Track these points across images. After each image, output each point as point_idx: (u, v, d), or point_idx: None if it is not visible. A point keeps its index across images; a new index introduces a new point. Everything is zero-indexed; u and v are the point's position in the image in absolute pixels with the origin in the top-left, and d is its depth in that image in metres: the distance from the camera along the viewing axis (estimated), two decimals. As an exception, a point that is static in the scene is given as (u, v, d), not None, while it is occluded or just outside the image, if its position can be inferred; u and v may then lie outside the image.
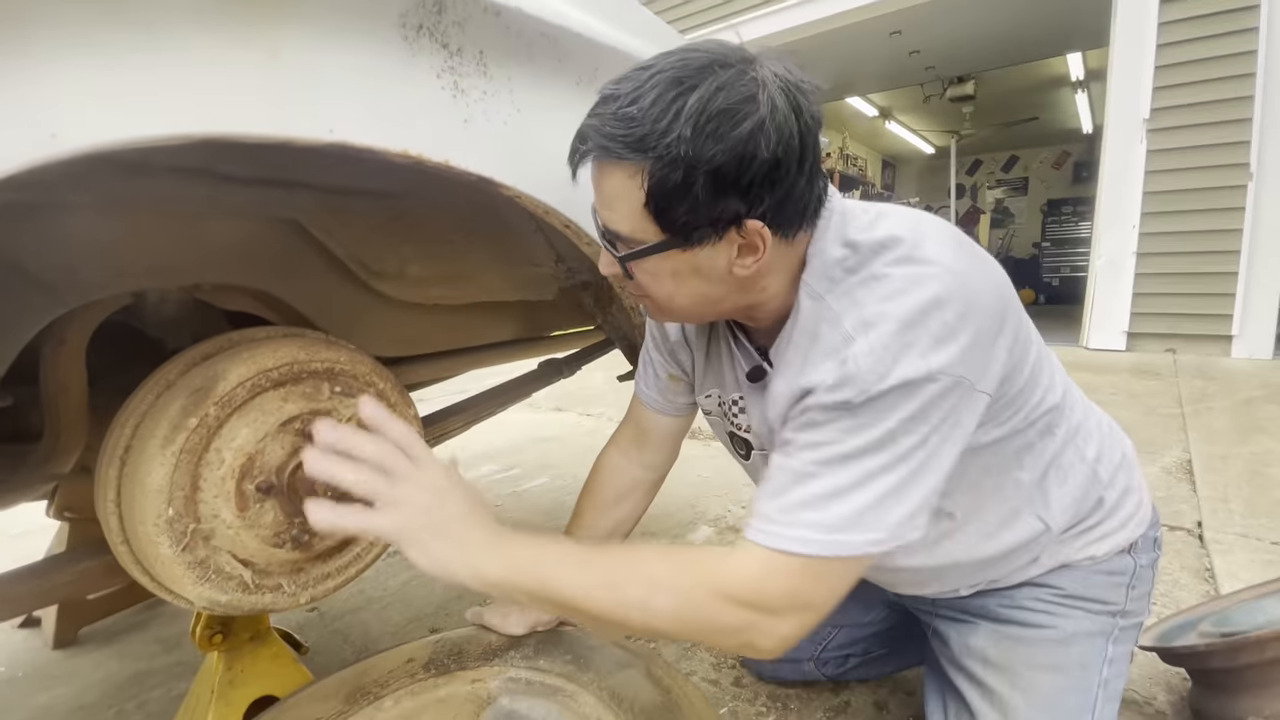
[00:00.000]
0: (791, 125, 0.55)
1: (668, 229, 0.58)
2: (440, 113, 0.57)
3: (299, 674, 0.93)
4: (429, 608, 1.52)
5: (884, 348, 0.57)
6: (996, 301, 0.61)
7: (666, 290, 0.65)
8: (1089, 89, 7.71)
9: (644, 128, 0.54)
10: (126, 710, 1.19)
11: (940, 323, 0.57)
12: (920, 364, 0.57)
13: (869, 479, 0.58)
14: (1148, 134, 3.71)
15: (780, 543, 0.59)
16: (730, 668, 1.22)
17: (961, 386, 0.59)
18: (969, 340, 0.58)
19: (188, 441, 0.62)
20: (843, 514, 0.58)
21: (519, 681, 0.85)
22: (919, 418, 0.58)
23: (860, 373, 0.58)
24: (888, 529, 0.59)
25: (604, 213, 0.62)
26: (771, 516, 0.61)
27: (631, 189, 0.57)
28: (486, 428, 3.34)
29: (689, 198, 0.55)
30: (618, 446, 0.97)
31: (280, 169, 0.74)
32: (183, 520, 0.62)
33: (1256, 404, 2.68)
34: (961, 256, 0.61)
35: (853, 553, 0.58)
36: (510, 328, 1.21)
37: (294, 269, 0.87)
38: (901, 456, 0.58)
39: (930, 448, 0.59)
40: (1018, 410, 0.70)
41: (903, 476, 0.59)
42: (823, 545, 0.58)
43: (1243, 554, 1.57)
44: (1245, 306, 3.53)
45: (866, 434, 0.58)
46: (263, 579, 0.69)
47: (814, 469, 0.60)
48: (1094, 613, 0.80)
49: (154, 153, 0.65)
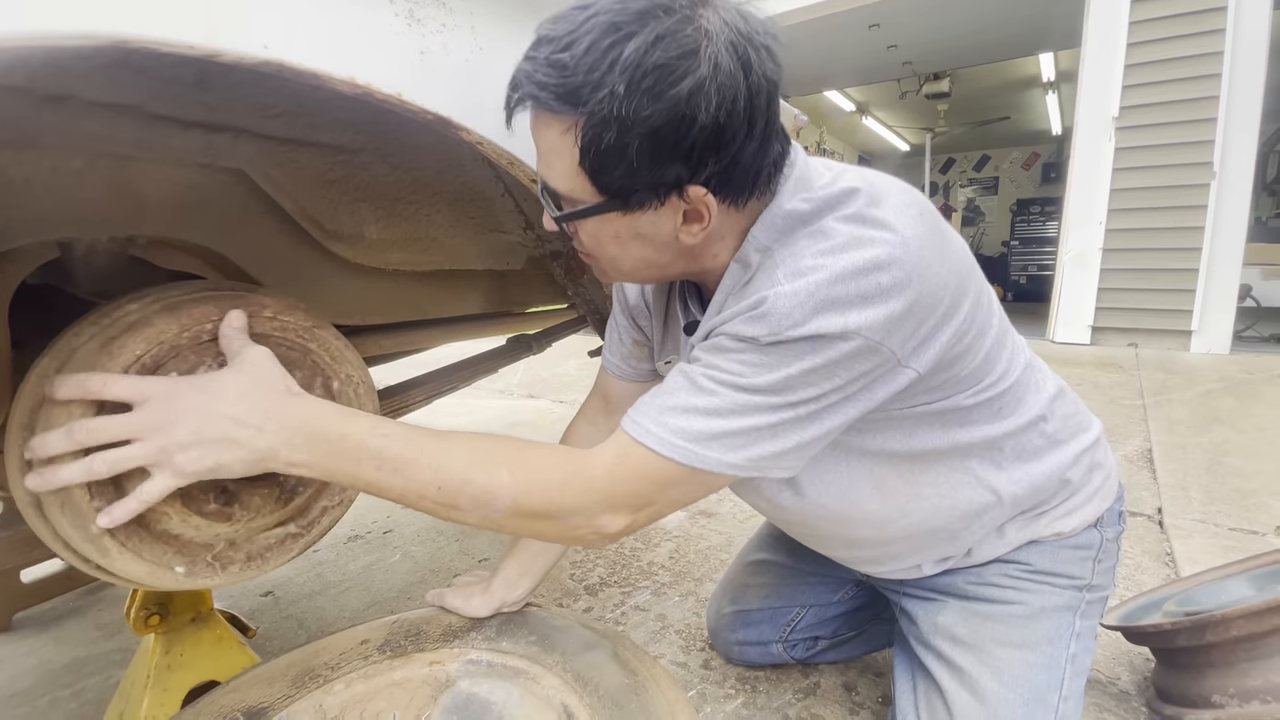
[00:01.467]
0: (738, 86, 0.51)
1: (604, 190, 0.55)
2: (393, 41, 0.52)
3: (244, 658, 0.88)
4: (390, 592, 1.47)
5: (808, 295, 0.54)
6: (948, 278, 0.58)
7: (610, 253, 0.62)
8: (1059, 90, 7.86)
9: (576, 78, 0.49)
10: (61, 698, 1.12)
11: (874, 284, 0.54)
12: (838, 320, 0.54)
13: (751, 412, 0.57)
14: (1116, 132, 3.77)
15: (644, 437, 0.58)
16: (699, 651, 1.20)
17: (879, 354, 0.56)
18: (901, 309, 0.55)
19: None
20: (711, 430, 0.57)
21: (479, 664, 0.82)
22: (822, 373, 0.56)
23: (775, 313, 0.55)
24: (749, 458, 0.58)
25: (541, 167, 0.58)
26: (646, 412, 0.60)
27: (566, 145, 0.53)
28: (456, 412, 3.28)
29: (624, 160, 0.51)
30: (585, 416, 0.95)
31: (221, 112, 0.68)
32: None
33: (1215, 396, 2.76)
34: (919, 226, 0.58)
35: (707, 468, 0.57)
36: (478, 300, 1.16)
37: (241, 226, 0.81)
38: (792, 404, 0.57)
39: (825, 403, 0.58)
40: (965, 389, 0.68)
41: (784, 419, 0.57)
42: (682, 453, 0.57)
43: (1202, 539, 1.60)
44: (1205, 302, 3.63)
45: (766, 374, 0.56)
46: (190, 551, 0.63)
47: (704, 384, 0.58)
48: (1061, 587, 0.80)
49: (77, 83, 0.60)
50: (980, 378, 0.68)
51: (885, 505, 0.76)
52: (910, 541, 0.80)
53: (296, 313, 0.68)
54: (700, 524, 1.80)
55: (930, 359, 0.60)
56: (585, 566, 1.56)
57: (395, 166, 0.85)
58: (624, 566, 1.55)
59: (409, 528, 1.85)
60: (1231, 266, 3.59)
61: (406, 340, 1.10)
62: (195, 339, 0.61)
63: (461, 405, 3.46)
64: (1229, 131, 3.48)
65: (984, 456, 0.74)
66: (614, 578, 1.50)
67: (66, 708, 1.10)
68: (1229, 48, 3.44)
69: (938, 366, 0.62)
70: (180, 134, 0.67)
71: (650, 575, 1.51)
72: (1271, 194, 6.88)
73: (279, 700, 0.73)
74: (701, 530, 1.76)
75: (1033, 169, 10.81)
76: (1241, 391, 2.78)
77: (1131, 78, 3.71)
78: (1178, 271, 3.67)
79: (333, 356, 0.71)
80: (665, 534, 1.74)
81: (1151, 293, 3.77)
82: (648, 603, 1.38)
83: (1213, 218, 3.56)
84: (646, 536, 1.72)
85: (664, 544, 1.67)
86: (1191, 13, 3.52)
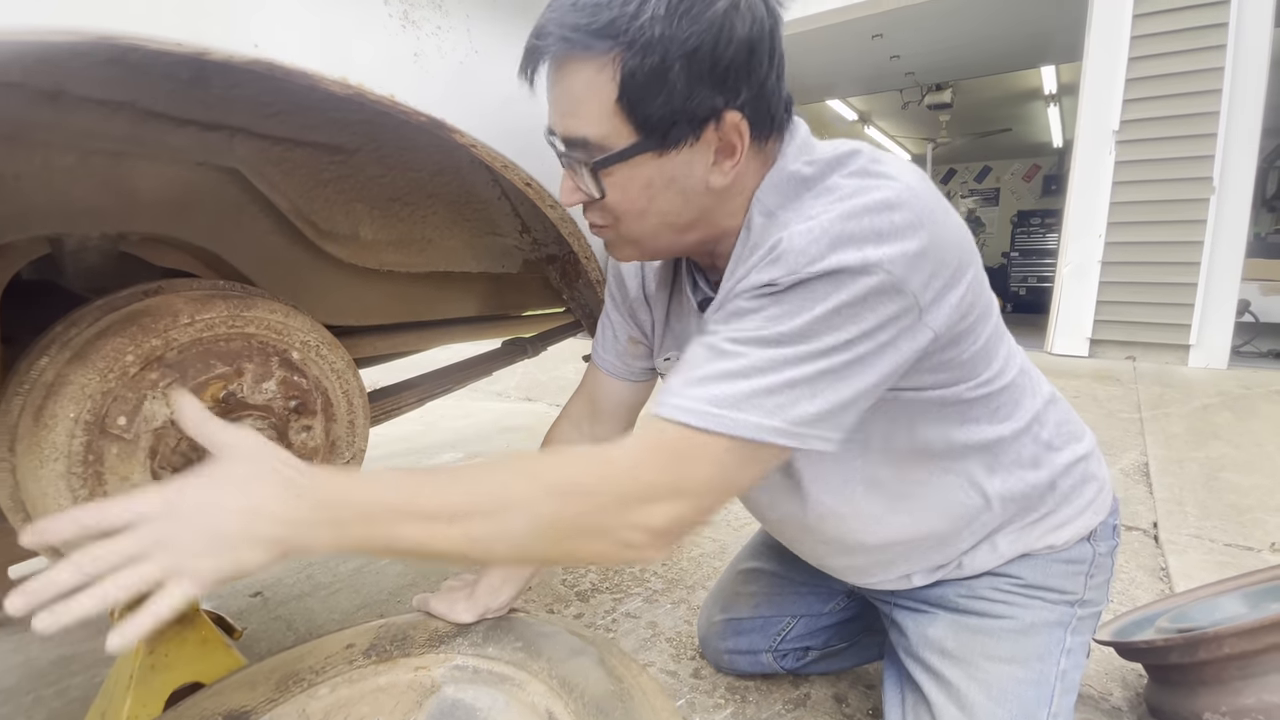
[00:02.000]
0: (761, 9, 0.53)
1: (643, 128, 0.54)
2: (387, 42, 0.52)
3: (230, 660, 0.87)
4: (380, 594, 1.46)
5: (822, 231, 0.53)
6: (956, 233, 0.58)
7: (637, 207, 0.59)
8: (1060, 103, 7.89)
9: (611, 11, 0.50)
10: (45, 696, 1.11)
11: (888, 221, 0.53)
12: (856, 254, 0.52)
13: (781, 365, 0.53)
14: (1117, 145, 3.78)
15: (674, 413, 0.53)
16: (690, 659, 1.19)
17: (903, 296, 0.53)
18: (916, 248, 0.53)
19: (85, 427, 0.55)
20: (743, 392, 0.53)
21: (465, 669, 0.81)
22: (848, 314, 0.53)
23: (791, 250, 0.53)
24: (789, 420, 0.53)
25: (567, 121, 0.56)
26: (672, 390, 0.56)
27: (601, 84, 0.52)
28: (453, 415, 3.28)
29: (665, 86, 0.52)
30: (569, 418, 0.93)
31: (217, 110, 0.68)
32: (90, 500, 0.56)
33: (1212, 411, 2.75)
34: (924, 182, 0.58)
35: (745, 434, 0.52)
36: (473, 303, 1.16)
37: (235, 224, 0.81)
38: (822, 352, 0.53)
39: (856, 353, 0.54)
40: (966, 379, 0.67)
41: (819, 370, 0.53)
42: (716, 420, 0.52)
43: (1197, 554, 1.59)
44: (1203, 317, 3.63)
45: (789, 322, 0.53)
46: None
47: (728, 348, 0.55)
48: (1052, 602, 0.79)
49: (70, 79, 0.60)
50: (979, 369, 0.68)
51: (881, 506, 0.75)
52: (901, 548, 0.79)
53: (214, 305, 0.64)
54: (694, 531, 1.79)
55: (945, 317, 0.58)
56: (577, 573, 1.55)
57: (391, 167, 0.85)
58: (616, 573, 1.54)
59: (401, 530, 1.84)
60: (1230, 281, 3.59)
61: (401, 342, 1.09)
62: (123, 376, 0.58)
63: (457, 408, 3.46)
64: (1229, 147, 3.49)
65: (979, 460, 0.74)
66: (606, 584, 1.49)
67: (50, 705, 1.09)
68: (1230, 64, 3.45)
69: (949, 334, 0.60)
70: (175, 131, 0.67)
71: (642, 582, 1.50)
72: (1271, 210, 6.90)
73: (262, 704, 0.73)
74: (695, 537, 1.75)
75: (1034, 181, 10.84)
76: (1239, 407, 2.78)
77: (1132, 92, 3.72)
78: (1176, 285, 3.67)
79: (276, 330, 0.68)
80: (659, 540, 1.73)
81: (1150, 306, 3.77)
82: (639, 609, 1.38)
83: (1212, 232, 3.56)
84: (640, 542, 1.71)
85: (657, 550, 1.66)
86: (1193, 29, 3.53)
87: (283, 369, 0.67)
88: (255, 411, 0.64)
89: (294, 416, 0.68)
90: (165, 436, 0.59)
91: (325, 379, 0.72)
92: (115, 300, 0.63)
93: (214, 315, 0.62)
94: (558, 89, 0.55)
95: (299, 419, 0.68)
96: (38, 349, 0.59)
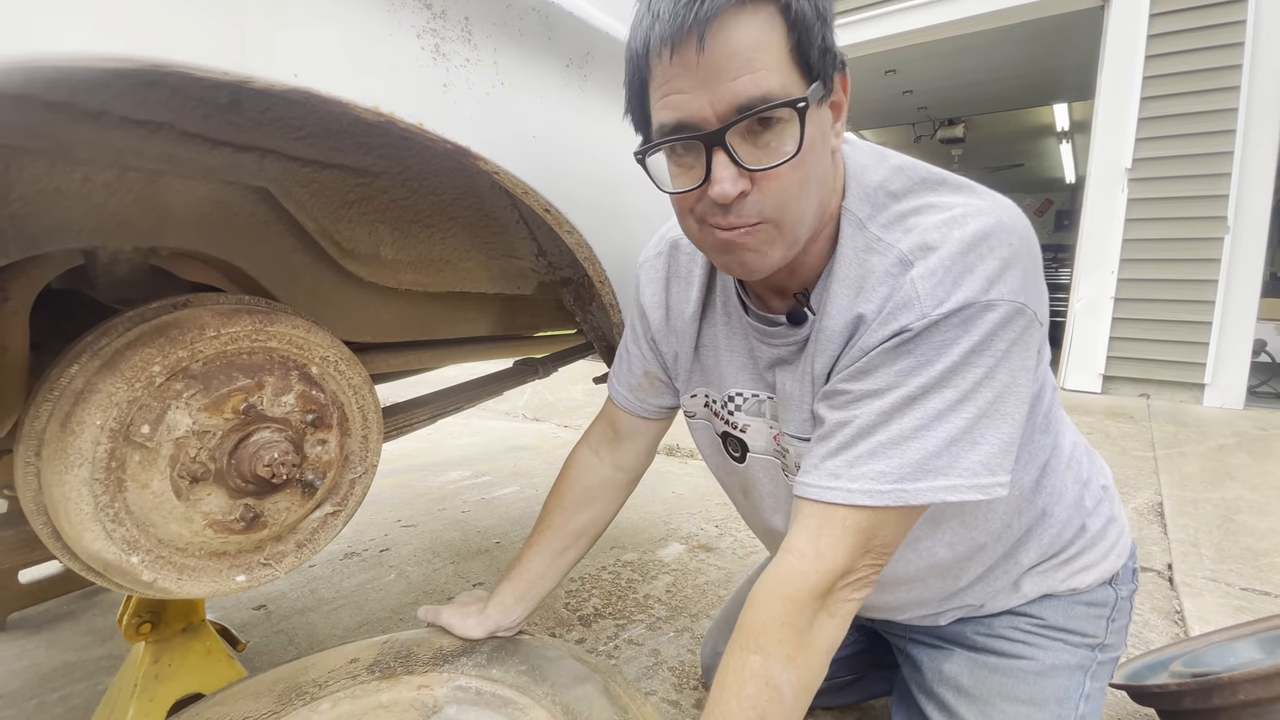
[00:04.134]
0: None
1: (810, 73, 0.52)
2: (418, 73, 0.55)
3: (232, 671, 0.88)
4: (383, 612, 1.46)
5: (945, 270, 0.54)
6: (1032, 234, 0.60)
7: (805, 173, 0.54)
8: (1073, 140, 7.94)
9: None
10: (48, 702, 1.11)
11: (1000, 255, 0.55)
12: (982, 288, 0.54)
13: (935, 420, 0.54)
14: (1129, 183, 3.79)
15: (848, 498, 0.56)
16: (692, 689, 1.18)
17: (1024, 316, 0.56)
18: (1024, 271, 0.56)
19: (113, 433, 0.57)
20: (911, 460, 0.54)
21: (468, 690, 0.81)
22: (981, 350, 0.54)
23: (919, 296, 0.54)
24: (963, 474, 0.55)
25: (741, 81, 0.49)
26: (831, 471, 0.57)
27: (773, 30, 0.49)
28: (461, 433, 3.29)
29: (822, 27, 0.51)
30: (589, 444, 0.93)
31: (250, 132, 0.71)
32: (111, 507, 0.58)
33: (1227, 451, 2.71)
34: (996, 194, 0.61)
35: (922, 501, 0.55)
36: (487, 323, 1.18)
37: (262, 242, 0.83)
38: (967, 394, 0.54)
39: (998, 385, 0.55)
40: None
41: (972, 416, 0.55)
42: (894, 496, 0.54)
43: (1212, 598, 1.56)
44: (1218, 356, 3.60)
45: (927, 371, 0.54)
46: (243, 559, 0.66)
47: (875, 419, 0.56)
48: (1074, 645, 0.78)
49: (115, 100, 0.62)
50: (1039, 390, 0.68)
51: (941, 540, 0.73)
52: (935, 586, 0.78)
53: (239, 319, 0.65)
54: (699, 558, 1.78)
55: (1045, 308, 0.60)
56: (580, 596, 1.54)
57: (414, 190, 0.87)
58: (619, 598, 1.53)
59: (405, 547, 1.84)
60: (1245, 321, 3.56)
61: (415, 359, 1.11)
62: (149, 386, 0.59)
63: (464, 426, 3.47)
64: (1243, 186, 3.49)
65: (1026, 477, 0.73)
66: (609, 609, 1.48)
67: (53, 712, 1.09)
68: (1243, 104, 3.47)
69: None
70: (209, 151, 0.70)
71: (646, 609, 1.49)
72: (1287, 250, 6.85)
73: (264, 716, 0.73)
74: (700, 565, 1.74)
75: (1046, 215, 10.86)
76: (1255, 448, 2.74)
77: (1145, 130, 3.74)
78: (1191, 324, 3.65)
79: (298, 346, 0.69)
80: (663, 566, 1.72)
81: (1164, 344, 3.74)
82: (642, 636, 1.36)
83: (1226, 271, 3.55)
84: (644, 569, 1.70)
85: (661, 577, 1.65)
86: (1206, 70, 3.57)
87: (302, 383, 0.68)
88: (273, 424, 0.66)
89: (310, 430, 0.69)
90: (185, 446, 0.60)
91: (342, 394, 0.73)
92: (145, 312, 0.65)
93: (238, 329, 0.64)
94: (719, 50, 0.49)
95: (315, 432, 0.70)
96: (68, 357, 0.61)
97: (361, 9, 0.50)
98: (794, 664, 0.56)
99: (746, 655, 0.56)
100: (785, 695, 0.55)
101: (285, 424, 0.67)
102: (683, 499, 2.27)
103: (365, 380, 0.76)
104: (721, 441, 0.81)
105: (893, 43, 4.91)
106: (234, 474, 0.63)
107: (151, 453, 0.58)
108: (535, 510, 2.18)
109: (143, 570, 0.60)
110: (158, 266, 0.80)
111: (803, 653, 0.57)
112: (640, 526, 2.00)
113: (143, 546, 0.60)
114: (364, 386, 0.75)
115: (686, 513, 2.14)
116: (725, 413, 0.77)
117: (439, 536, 1.94)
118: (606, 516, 0.92)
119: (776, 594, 0.57)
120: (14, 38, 0.35)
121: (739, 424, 0.76)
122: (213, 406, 0.62)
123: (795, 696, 0.56)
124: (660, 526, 2.01)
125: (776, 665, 0.55)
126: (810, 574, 0.57)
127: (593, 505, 0.91)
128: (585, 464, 0.92)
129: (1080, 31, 4.28)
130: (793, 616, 0.56)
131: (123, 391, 0.57)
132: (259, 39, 0.43)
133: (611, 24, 0.75)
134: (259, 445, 0.64)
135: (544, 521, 0.91)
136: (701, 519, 2.08)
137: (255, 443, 0.64)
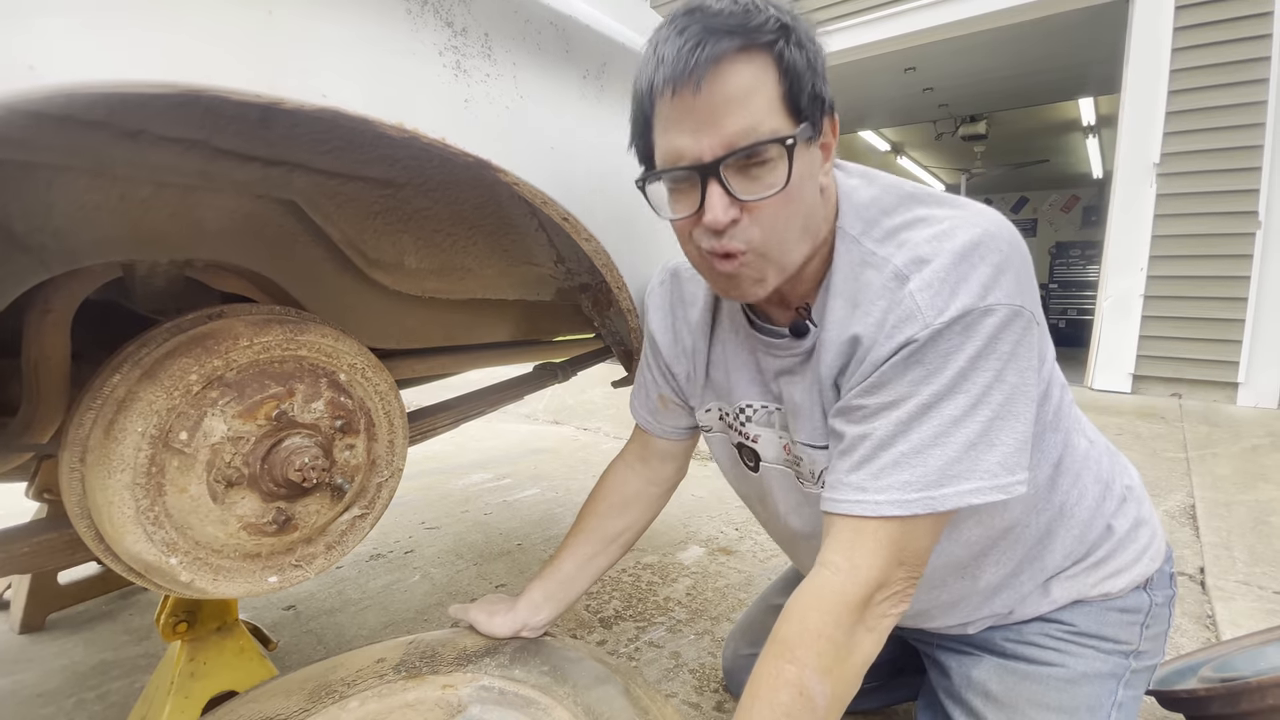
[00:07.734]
0: None
1: (800, 115, 0.56)
2: (440, 90, 0.56)
3: (264, 670, 0.90)
4: (408, 613, 1.49)
5: (941, 281, 0.57)
6: (1019, 238, 0.62)
7: (793, 208, 0.58)
8: (1100, 134, 7.77)
9: (758, 16, 0.53)
10: (87, 699, 1.15)
11: (991, 262, 0.57)
12: (979, 294, 0.56)
13: (952, 427, 0.57)
14: (1157, 178, 3.72)
15: (878, 509, 0.58)
16: (713, 692, 1.18)
17: (1022, 317, 0.58)
18: (1016, 274, 0.58)
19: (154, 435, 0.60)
20: (934, 467, 0.57)
21: (491, 690, 0.82)
22: (986, 353, 0.57)
23: (920, 308, 0.57)
24: (984, 475, 0.57)
25: (735, 120, 0.53)
26: (858, 485, 0.59)
27: (765, 75, 0.54)
28: (482, 436, 3.32)
29: (811, 70, 0.56)
30: (624, 459, 0.97)
31: (280, 148, 0.73)
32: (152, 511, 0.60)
33: (1262, 452, 2.64)
34: (978, 203, 0.63)
35: (949, 506, 0.57)
36: (507, 328, 1.20)
37: (290, 253, 0.86)
38: (979, 398, 0.57)
39: (1008, 386, 0.58)
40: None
41: (986, 419, 0.57)
42: (923, 504, 0.57)
43: (1245, 602, 1.52)
44: (1252, 354, 3.50)
45: (938, 379, 0.57)
46: (275, 560, 0.68)
47: (889, 430, 0.58)
48: (1106, 652, 0.77)
49: (152, 119, 0.65)
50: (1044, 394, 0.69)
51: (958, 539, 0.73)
52: (972, 595, 0.78)
53: (271, 329, 0.68)
54: (719, 561, 1.78)
55: (1041, 314, 0.63)
56: (601, 598, 1.55)
57: (436, 201, 0.89)
58: (640, 600, 1.54)
59: (430, 549, 1.87)
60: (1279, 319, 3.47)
61: (438, 365, 1.13)
62: (187, 394, 0.61)
63: (487, 429, 3.50)
64: (1274, 180, 3.40)
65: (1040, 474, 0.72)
66: (629, 611, 1.49)
67: (91, 709, 1.13)
68: (1273, 96, 3.38)
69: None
70: (240, 167, 0.72)
71: (666, 611, 1.49)
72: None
73: (295, 713, 0.75)
74: (720, 568, 1.74)
75: (1072, 212, 10.67)
76: (1292, 449, 2.66)
77: (1173, 125, 3.66)
78: (1223, 322, 3.56)
79: (326, 354, 0.71)
80: (683, 569, 1.72)
81: (1196, 342, 3.66)
82: (662, 639, 1.37)
83: (1259, 268, 3.46)
84: (664, 571, 1.71)
85: (681, 579, 1.66)
86: (1234, 62, 3.48)
87: (331, 390, 0.71)
88: (304, 429, 0.68)
89: (339, 435, 0.71)
90: (221, 451, 0.62)
91: (369, 400, 0.75)
92: (182, 323, 0.67)
93: (271, 339, 0.66)
94: (717, 93, 0.53)
95: (343, 438, 0.72)
96: (111, 366, 0.64)
97: (386, 29, 0.52)
98: (830, 676, 0.56)
99: (781, 664, 0.57)
100: (819, 705, 0.55)
101: (315, 429, 0.69)
102: (702, 502, 2.27)
103: (391, 386, 0.78)
104: (737, 452, 0.83)
105: (911, 40, 4.86)
106: (267, 478, 0.66)
107: (189, 458, 0.60)
108: (555, 512, 2.21)
109: (181, 571, 0.62)
110: (192, 278, 0.83)
111: (839, 665, 0.57)
112: (660, 529, 2.01)
113: (181, 548, 0.62)
114: (390, 392, 0.77)
115: (706, 516, 2.14)
116: (738, 424, 0.79)
117: (462, 538, 1.96)
118: (640, 525, 0.95)
119: (813, 607, 0.58)
120: (57, 66, 0.37)
121: (751, 434, 0.78)
122: (246, 413, 0.64)
123: (829, 708, 0.56)
124: (680, 529, 2.02)
125: (812, 676, 0.56)
126: (847, 587, 0.58)
127: (626, 514, 0.94)
128: (620, 476, 0.96)
129: (1104, 25, 4.20)
130: (830, 629, 0.57)
131: (162, 400, 0.59)
132: (289, 62, 0.45)
133: (627, 34, 0.77)
134: (290, 450, 0.66)
135: (578, 526, 0.94)
136: (721, 522, 2.08)
137: (287, 448, 0.66)
